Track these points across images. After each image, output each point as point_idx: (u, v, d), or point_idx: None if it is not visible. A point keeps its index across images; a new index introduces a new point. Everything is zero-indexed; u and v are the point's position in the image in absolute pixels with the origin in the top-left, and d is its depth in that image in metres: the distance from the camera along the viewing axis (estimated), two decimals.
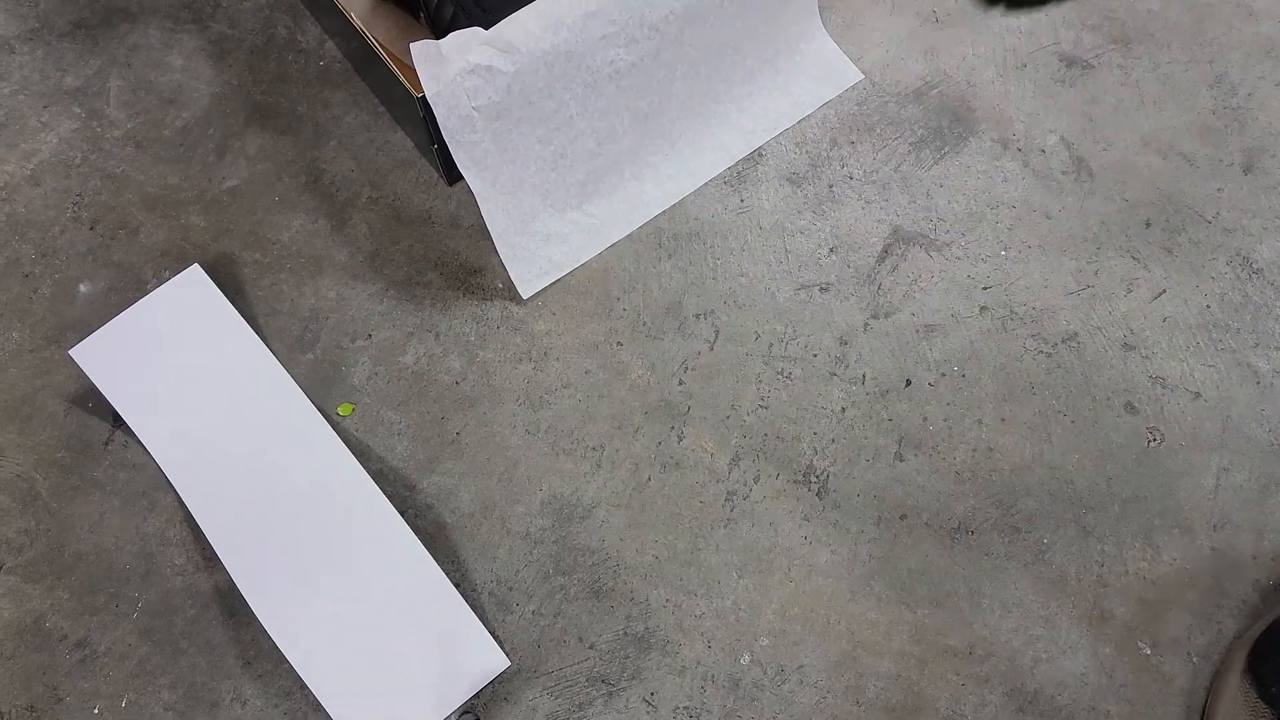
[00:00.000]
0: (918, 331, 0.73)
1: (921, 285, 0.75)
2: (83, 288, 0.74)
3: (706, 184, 0.78)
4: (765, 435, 0.70)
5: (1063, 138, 0.80)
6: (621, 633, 0.64)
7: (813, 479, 0.68)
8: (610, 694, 0.63)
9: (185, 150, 0.80)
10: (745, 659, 0.64)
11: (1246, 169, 0.79)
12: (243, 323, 0.71)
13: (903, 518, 0.67)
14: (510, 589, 0.65)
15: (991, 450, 0.69)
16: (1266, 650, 0.60)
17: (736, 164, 0.79)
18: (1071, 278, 0.75)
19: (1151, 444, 0.69)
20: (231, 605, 0.64)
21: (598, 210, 0.76)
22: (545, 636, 0.64)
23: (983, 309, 0.74)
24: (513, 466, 0.69)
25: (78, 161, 0.79)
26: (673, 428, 0.70)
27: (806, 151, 0.80)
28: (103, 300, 0.74)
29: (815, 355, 0.73)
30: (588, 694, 0.63)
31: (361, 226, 0.77)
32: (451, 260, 0.76)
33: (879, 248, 0.76)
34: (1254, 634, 0.62)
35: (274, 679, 0.63)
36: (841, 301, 0.74)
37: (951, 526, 0.67)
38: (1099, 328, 0.73)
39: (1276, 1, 0.86)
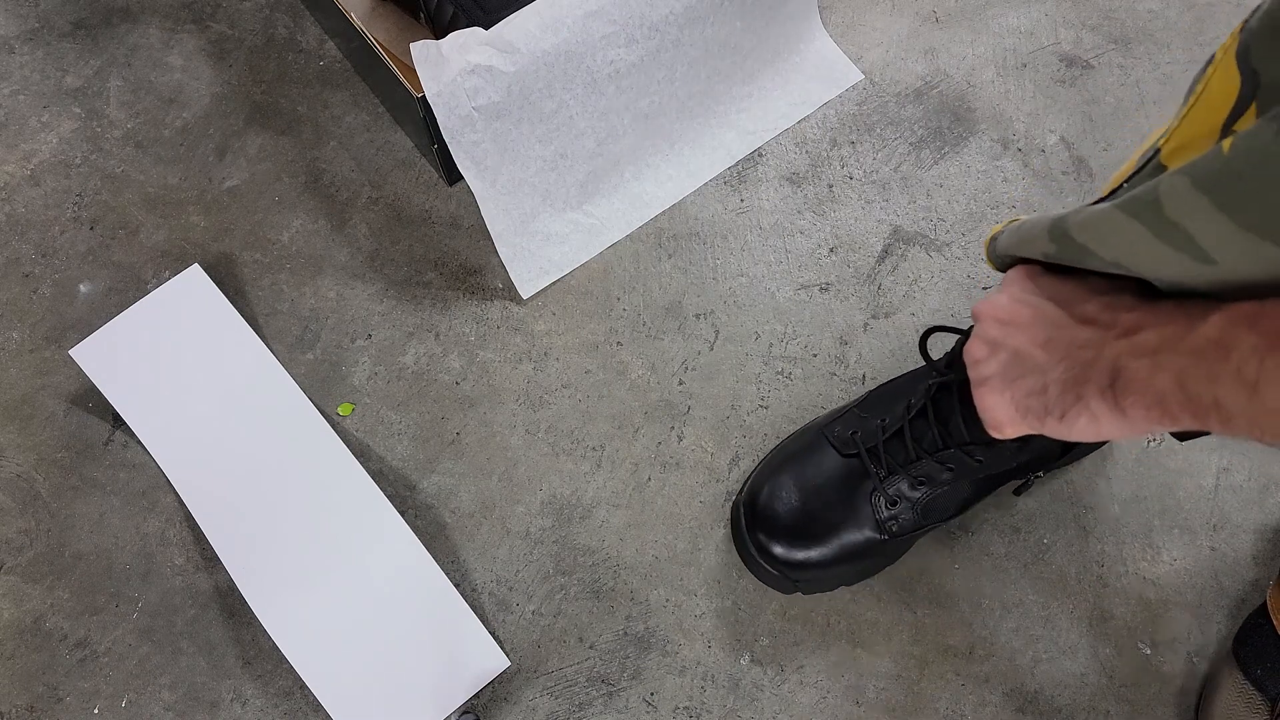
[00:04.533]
0: (918, 331, 0.73)
1: (921, 285, 0.75)
2: (83, 288, 0.74)
3: (706, 184, 0.78)
4: (765, 435, 0.70)
5: (1063, 138, 0.80)
6: (621, 633, 0.64)
7: None
8: (610, 694, 0.63)
9: (185, 150, 0.80)
10: (745, 659, 0.64)
11: None
12: (243, 323, 0.71)
13: None
14: (510, 589, 0.65)
15: None
16: (1248, 635, 0.61)
17: (736, 164, 0.79)
18: None
19: (1151, 444, 0.69)
20: (231, 605, 0.64)
21: (598, 210, 0.76)
22: (545, 636, 0.64)
23: None
24: (513, 466, 0.69)
25: (78, 161, 0.79)
26: (673, 428, 0.70)
27: (806, 151, 0.80)
28: (103, 300, 0.74)
29: (815, 355, 0.73)
30: (588, 694, 0.63)
31: (361, 226, 0.77)
32: (451, 260, 0.76)
33: (879, 248, 0.76)
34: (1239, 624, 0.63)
35: (274, 679, 0.63)
36: (841, 301, 0.74)
37: (951, 526, 0.67)
38: None
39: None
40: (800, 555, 0.61)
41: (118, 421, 0.69)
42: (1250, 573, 0.66)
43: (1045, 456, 0.60)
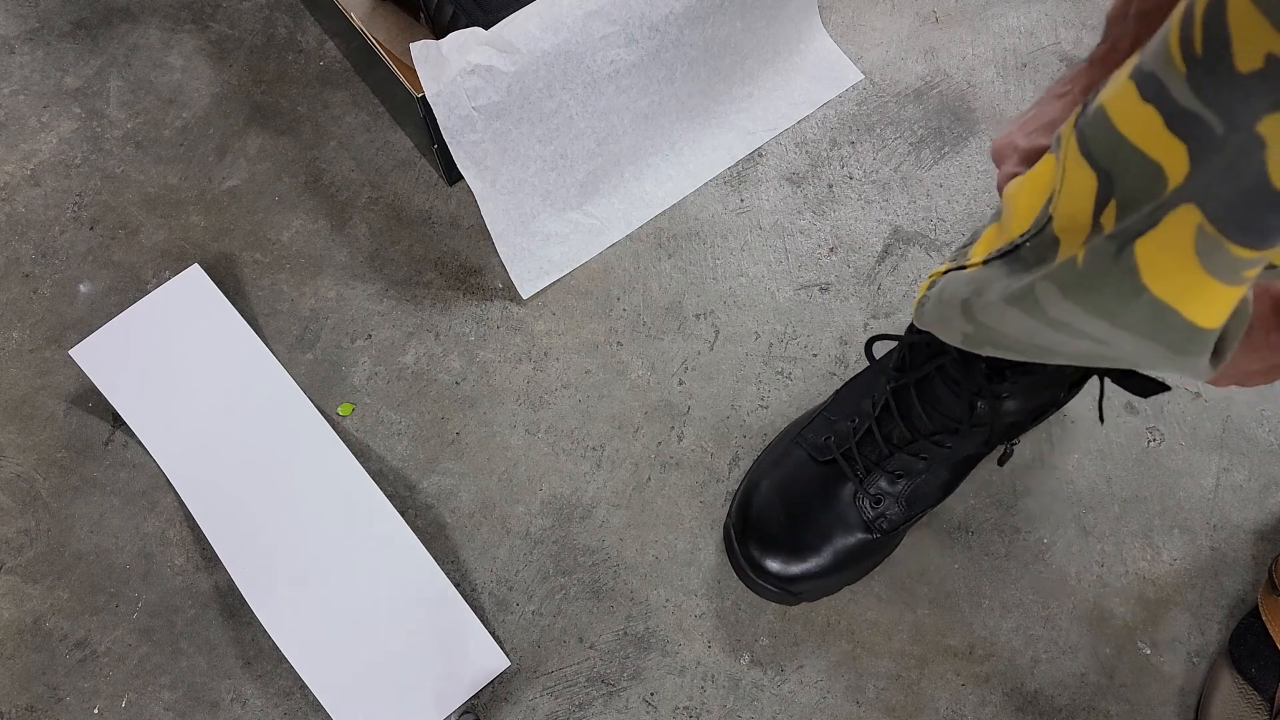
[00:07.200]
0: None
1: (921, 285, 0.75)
2: (83, 288, 0.74)
3: (706, 184, 0.78)
4: (765, 435, 0.70)
5: None
6: (621, 633, 0.64)
7: None
8: (610, 694, 0.63)
9: (185, 150, 0.80)
10: (745, 659, 0.64)
11: None
12: (243, 323, 0.71)
13: None
14: (510, 589, 0.65)
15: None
16: (1241, 635, 0.61)
17: (736, 164, 0.79)
18: None
19: (1151, 444, 0.69)
20: (231, 605, 0.64)
21: (598, 210, 0.76)
22: (545, 636, 0.64)
23: None
24: (513, 466, 0.69)
25: (78, 161, 0.79)
26: (673, 428, 0.70)
27: (806, 151, 0.80)
28: (103, 300, 0.74)
29: (815, 355, 0.73)
30: (588, 694, 0.63)
31: (361, 226, 0.77)
32: (451, 260, 0.76)
33: (879, 248, 0.76)
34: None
35: (274, 679, 0.63)
36: (841, 301, 0.74)
37: (951, 526, 0.67)
38: None
39: None
40: (797, 569, 0.61)
41: (118, 421, 0.69)
42: (1250, 573, 0.66)
43: (1015, 428, 0.61)
